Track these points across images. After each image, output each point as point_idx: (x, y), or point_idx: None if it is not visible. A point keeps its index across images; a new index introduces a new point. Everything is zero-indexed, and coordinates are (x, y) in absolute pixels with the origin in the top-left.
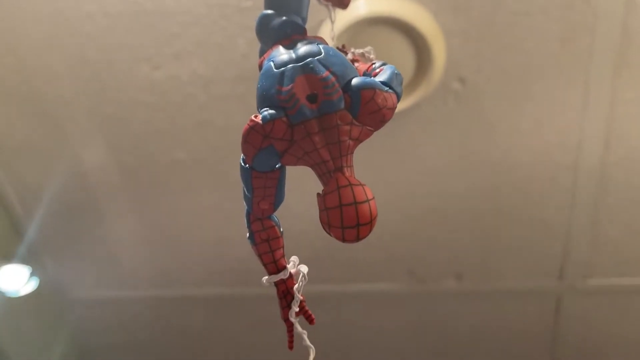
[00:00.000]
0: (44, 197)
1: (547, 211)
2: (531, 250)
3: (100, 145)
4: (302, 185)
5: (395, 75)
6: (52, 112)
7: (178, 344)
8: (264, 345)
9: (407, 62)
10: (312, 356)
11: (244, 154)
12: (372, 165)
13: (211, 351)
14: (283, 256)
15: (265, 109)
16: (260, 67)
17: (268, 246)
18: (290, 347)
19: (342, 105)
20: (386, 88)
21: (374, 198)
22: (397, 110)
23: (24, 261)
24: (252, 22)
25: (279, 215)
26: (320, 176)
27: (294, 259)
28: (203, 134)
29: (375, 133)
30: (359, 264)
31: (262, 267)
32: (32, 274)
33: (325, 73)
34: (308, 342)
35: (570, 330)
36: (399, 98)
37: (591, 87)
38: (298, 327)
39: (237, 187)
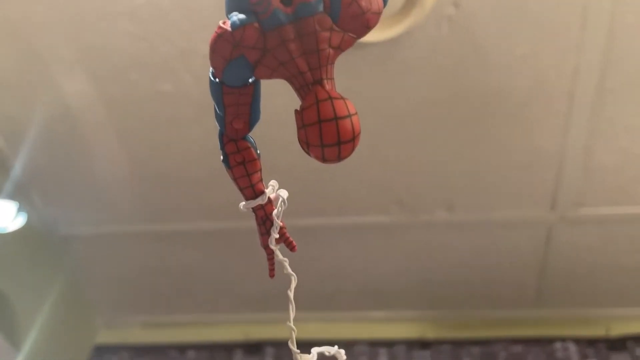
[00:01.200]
0: (28, 131)
1: (541, 138)
2: (524, 179)
3: (81, 76)
4: (288, 114)
5: None
6: (28, 40)
7: (171, 278)
8: (257, 278)
9: None
10: (293, 284)
11: (213, 67)
12: (361, 93)
13: (205, 285)
14: (261, 180)
15: (234, 13)
16: None
17: (244, 169)
18: (271, 275)
19: (321, 7)
20: None
21: (356, 113)
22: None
23: (11, 197)
24: None
25: (262, 143)
26: (298, 90)
27: (272, 183)
28: (188, 64)
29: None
30: (347, 196)
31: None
32: (19, 210)
33: None
34: (289, 270)
35: (560, 260)
36: (385, 2)
37: (589, 10)
38: (279, 255)
39: None
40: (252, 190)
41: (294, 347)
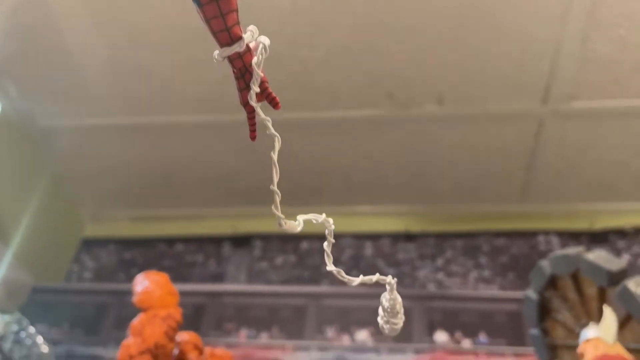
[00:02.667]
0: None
1: (538, 25)
2: (516, 70)
3: None
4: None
5: None
6: None
7: (158, 172)
8: (245, 172)
9: None
10: (277, 146)
11: None
12: None
13: (192, 179)
14: (237, 23)
15: None
16: None
17: (217, 8)
18: (252, 137)
19: None
20: None
21: None
22: None
23: None
24: None
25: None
26: None
27: (251, 28)
28: None
29: None
30: (336, 88)
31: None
32: None
33: None
34: (272, 130)
35: (548, 155)
36: None
37: None
38: (260, 113)
39: None
40: (228, 35)
41: (278, 212)
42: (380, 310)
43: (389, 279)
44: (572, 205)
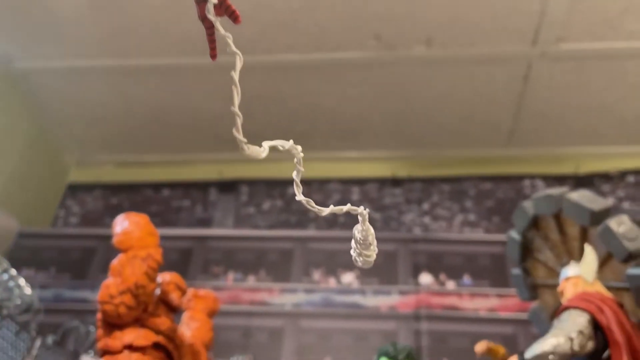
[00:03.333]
0: None
1: None
2: (506, 11)
3: None
4: None
5: None
6: None
7: (142, 117)
8: (232, 117)
9: None
10: (239, 65)
11: None
12: None
13: (178, 124)
14: None
15: None
16: None
17: None
18: (213, 56)
19: None
20: None
21: None
22: None
23: None
24: None
25: None
26: None
27: None
28: None
29: None
30: (322, 30)
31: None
32: None
33: None
34: (234, 48)
35: (536, 98)
36: None
37: None
38: (220, 29)
39: None
40: None
41: (239, 136)
42: (352, 243)
43: (361, 209)
44: (558, 149)
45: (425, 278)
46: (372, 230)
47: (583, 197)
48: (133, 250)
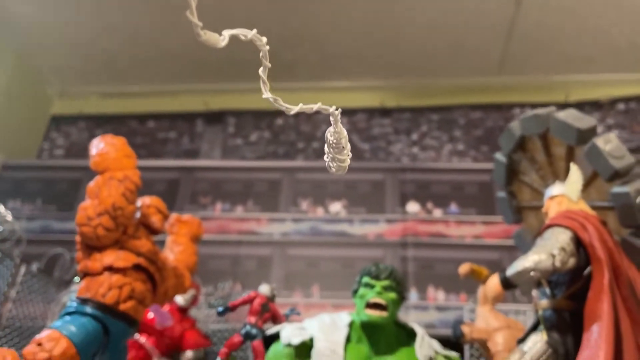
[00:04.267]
0: None
1: None
2: None
3: None
4: None
5: None
6: None
7: (125, 45)
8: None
9: None
10: None
11: None
12: None
13: (163, 54)
14: None
15: None
16: None
17: None
18: None
19: None
20: None
21: None
22: None
23: None
24: None
25: None
26: None
27: None
28: None
29: None
30: None
31: None
32: None
33: None
34: None
35: (528, 24)
36: None
37: None
38: None
39: None
40: None
41: (194, 19)
42: (325, 148)
43: (332, 109)
44: (548, 77)
45: (413, 206)
46: (344, 132)
47: (570, 115)
48: (110, 172)
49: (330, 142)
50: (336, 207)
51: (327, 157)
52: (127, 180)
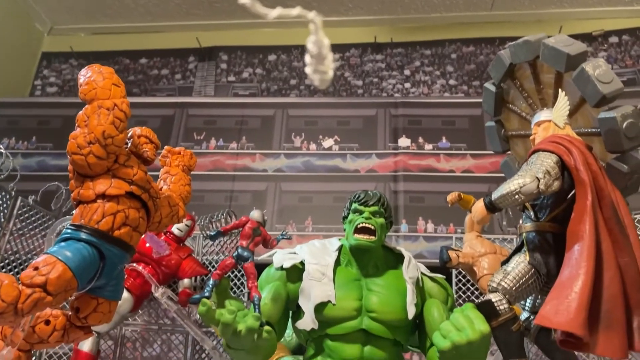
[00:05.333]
0: None
1: None
2: None
3: None
4: None
5: None
6: None
7: None
8: None
9: None
10: None
11: None
12: None
13: None
14: None
15: None
16: None
17: None
18: None
19: None
20: None
21: None
22: None
23: None
24: None
25: None
26: None
27: None
28: None
29: None
30: None
31: None
32: None
33: None
34: None
35: None
36: None
37: None
38: None
39: None
40: None
41: None
42: (307, 58)
43: (312, 15)
44: (541, 11)
45: (404, 141)
46: (326, 42)
47: (560, 41)
48: (98, 101)
49: (312, 52)
50: (329, 142)
51: (310, 69)
52: (116, 109)
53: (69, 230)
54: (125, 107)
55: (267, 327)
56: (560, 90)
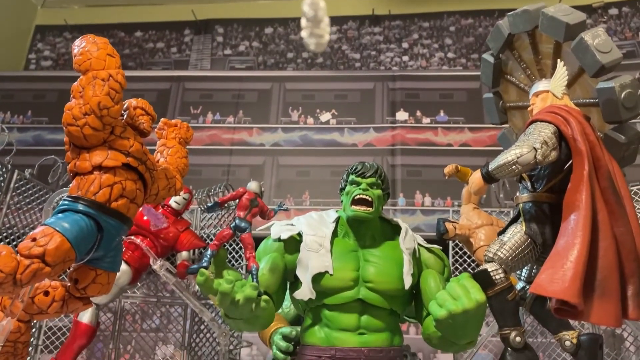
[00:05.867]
0: None
1: None
2: None
3: None
4: None
5: None
6: None
7: None
8: None
9: None
10: None
11: None
12: None
13: None
14: None
15: None
16: None
17: None
18: None
19: None
20: None
21: None
22: None
23: None
24: None
25: None
26: None
27: None
28: None
29: None
30: None
31: None
32: None
33: None
34: None
35: None
36: None
37: None
38: None
39: None
40: None
41: None
42: (302, 22)
43: None
44: None
45: (402, 115)
46: (322, 3)
47: (559, 10)
48: (93, 72)
49: (308, 14)
50: (326, 116)
51: (305, 33)
52: (111, 80)
53: (66, 202)
54: (121, 77)
55: (264, 297)
56: (559, 60)
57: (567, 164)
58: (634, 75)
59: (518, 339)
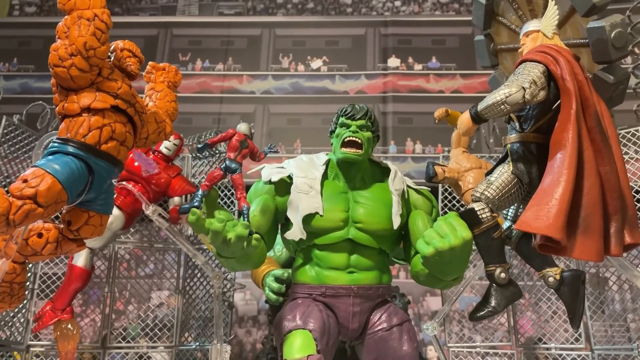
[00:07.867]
0: None
1: None
2: None
3: None
4: None
5: None
6: None
7: None
8: None
9: None
10: None
11: None
12: None
13: None
14: None
15: None
16: None
17: None
18: None
19: None
20: None
21: None
22: None
23: None
24: None
25: None
26: None
27: None
28: None
29: None
30: None
31: None
32: None
33: None
34: None
35: None
36: None
37: None
38: None
39: None
40: None
41: None
42: None
43: None
44: None
45: (394, 62)
46: None
47: None
48: (77, 11)
49: None
50: (317, 63)
51: None
52: (96, 20)
53: (55, 144)
54: (106, 17)
55: (256, 235)
56: (550, 0)
57: (556, 104)
58: (624, 15)
59: (503, 275)
